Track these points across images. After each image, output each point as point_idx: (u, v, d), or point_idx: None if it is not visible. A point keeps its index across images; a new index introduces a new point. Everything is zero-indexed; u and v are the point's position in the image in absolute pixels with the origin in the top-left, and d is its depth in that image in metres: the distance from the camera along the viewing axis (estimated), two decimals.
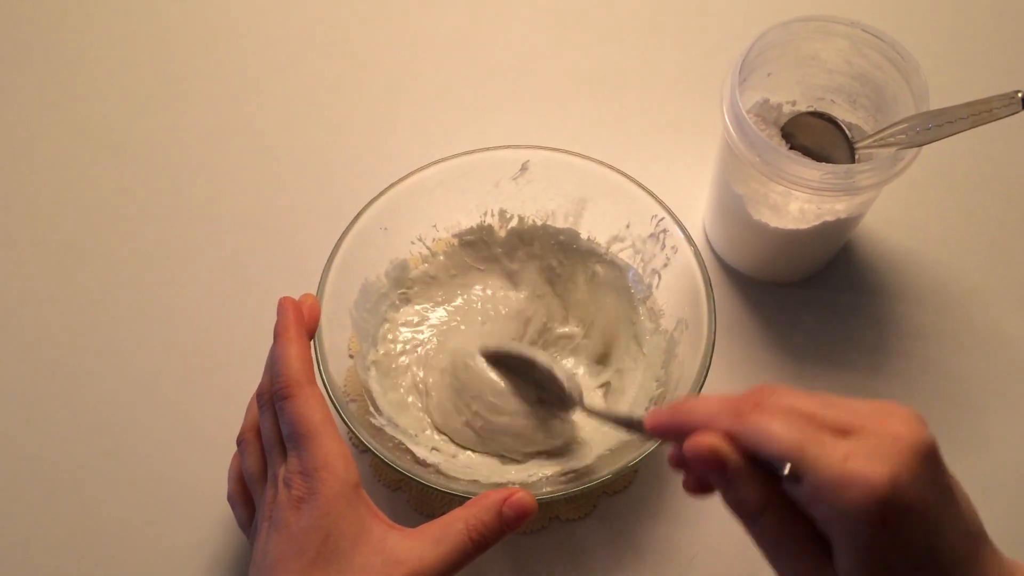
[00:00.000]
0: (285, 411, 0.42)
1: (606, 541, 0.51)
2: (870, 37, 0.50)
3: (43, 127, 0.67)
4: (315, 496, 0.39)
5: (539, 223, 0.56)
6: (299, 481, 0.40)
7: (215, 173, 0.64)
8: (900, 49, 0.49)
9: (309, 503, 0.39)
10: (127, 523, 0.52)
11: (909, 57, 0.49)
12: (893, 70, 0.50)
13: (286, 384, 0.42)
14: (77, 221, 0.63)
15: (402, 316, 0.55)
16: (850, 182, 0.48)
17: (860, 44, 0.50)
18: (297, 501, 0.39)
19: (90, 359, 0.57)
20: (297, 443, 0.41)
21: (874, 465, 0.30)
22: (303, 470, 0.40)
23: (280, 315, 0.45)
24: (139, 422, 0.55)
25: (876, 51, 0.50)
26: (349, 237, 0.51)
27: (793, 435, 0.31)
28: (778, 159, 0.48)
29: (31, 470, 0.54)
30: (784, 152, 0.49)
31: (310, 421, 0.41)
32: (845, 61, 0.52)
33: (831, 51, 0.52)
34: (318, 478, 0.39)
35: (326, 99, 0.67)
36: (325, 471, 0.40)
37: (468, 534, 0.40)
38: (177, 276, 0.60)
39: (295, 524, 0.39)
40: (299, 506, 0.39)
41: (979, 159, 0.63)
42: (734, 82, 0.49)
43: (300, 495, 0.39)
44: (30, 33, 0.71)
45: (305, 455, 0.40)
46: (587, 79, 0.68)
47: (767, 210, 0.53)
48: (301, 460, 0.40)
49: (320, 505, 0.39)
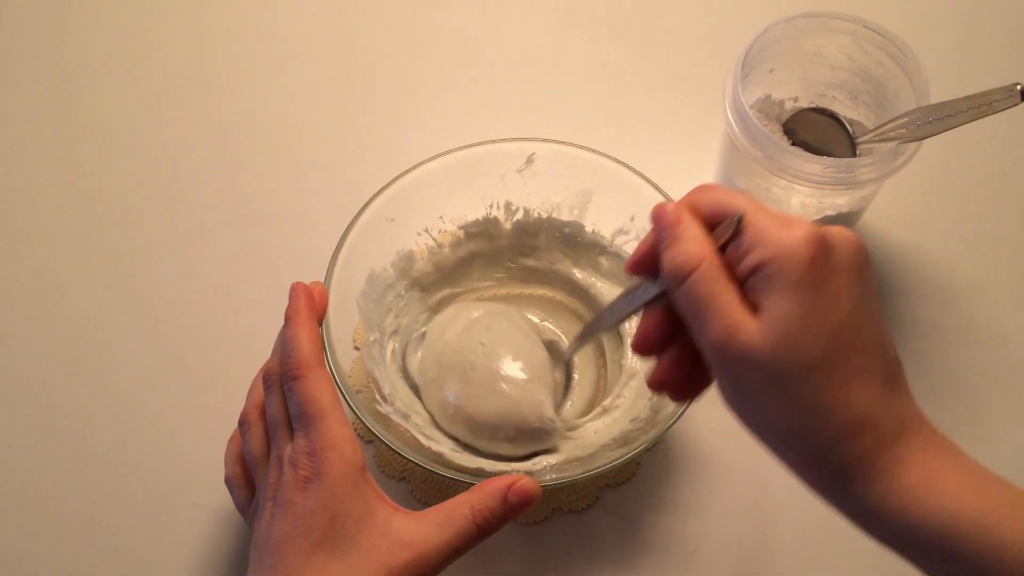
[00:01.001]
0: (295, 391, 0.42)
1: (609, 532, 0.51)
2: (872, 33, 0.51)
3: (51, 121, 0.67)
4: (321, 476, 0.39)
5: (544, 215, 0.57)
6: (306, 461, 0.40)
7: (222, 166, 0.65)
8: (901, 45, 0.50)
9: (315, 483, 0.39)
10: (128, 513, 0.53)
11: (910, 52, 0.50)
12: (895, 66, 0.50)
13: (297, 365, 0.42)
14: (84, 215, 0.63)
15: None
16: (851, 176, 0.48)
17: (862, 40, 0.51)
18: (303, 481, 0.40)
19: (96, 351, 0.58)
20: (305, 423, 0.41)
21: (812, 225, 0.33)
22: (310, 450, 0.40)
23: (292, 299, 0.45)
24: (147, 409, 0.56)
25: (878, 47, 0.51)
26: (356, 228, 0.51)
27: (744, 200, 0.34)
28: (780, 154, 0.49)
29: (34, 460, 0.54)
30: (786, 147, 0.49)
31: (319, 402, 0.41)
32: (847, 57, 0.52)
33: (833, 47, 0.52)
34: (325, 458, 0.40)
35: (334, 92, 0.68)
36: (332, 452, 0.40)
37: (473, 518, 0.40)
38: (183, 269, 0.61)
39: (301, 504, 0.39)
40: (305, 486, 0.39)
41: (979, 154, 0.63)
42: (736, 78, 0.49)
43: (306, 475, 0.40)
44: (32, 29, 0.71)
45: (313, 435, 0.40)
46: (591, 73, 0.69)
47: (769, 205, 0.53)
48: (309, 440, 0.40)
49: (327, 486, 0.39)
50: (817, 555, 0.50)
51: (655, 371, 0.37)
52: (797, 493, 0.52)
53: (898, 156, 0.48)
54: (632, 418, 0.50)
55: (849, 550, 0.50)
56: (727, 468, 0.53)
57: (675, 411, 0.46)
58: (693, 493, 0.52)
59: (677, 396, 0.38)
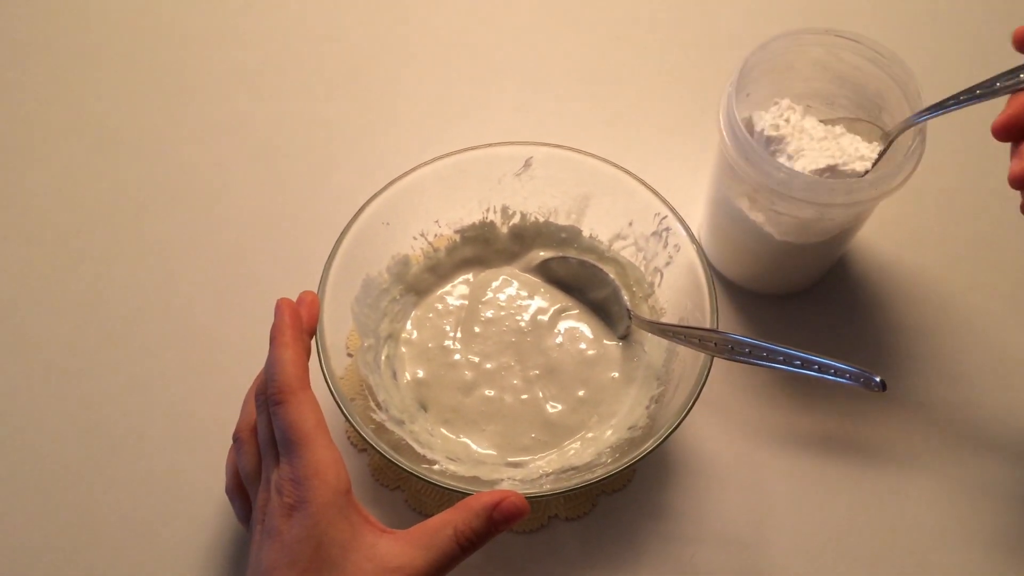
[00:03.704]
0: (278, 416, 0.42)
1: (606, 540, 0.51)
2: (846, 41, 0.51)
3: (40, 124, 0.66)
4: (306, 504, 0.40)
5: (541, 220, 0.56)
6: (290, 488, 0.40)
7: (216, 169, 0.64)
8: (877, 47, 0.51)
9: (300, 511, 0.40)
10: (127, 517, 0.52)
11: (887, 51, 0.50)
12: (873, 68, 0.51)
13: (279, 390, 0.42)
14: (76, 218, 0.62)
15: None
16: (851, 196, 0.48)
17: (836, 49, 0.52)
18: (288, 508, 0.40)
19: (90, 356, 0.57)
20: (289, 450, 0.41)
21: None
22: (294, 477, 0.40)
23: (276, 318, 0.45)
24: (140, 418, 0.55)
25: (853, 53, 0.51)
26: (351, 232, 0.51)
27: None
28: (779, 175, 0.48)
29: (28, 467, 0.54)
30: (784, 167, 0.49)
31: (301, 428, 0.41)
32: (822, 67, 0.53)
33: (806, 61, 0.53)
34: (309, 486, 0.40)
35: (328, 96, 0.67)
36: (316, 479, 0.40)
37: (456, 539, 0.41)
38: (178, 273, 0.60)
39: (287, 533, 0.39)
40: (290, 513, 0.40)
41: (972, 162, 0.63)
42: (731, 102, 0.49)
43: (291, 503, 0.40)
44: (27, 29, 0.71)
45: (297, 462, 0.41)
46: (588, 77, 0.68)
47: (767, 223, 0.53)
48: (292, 467, 0.41)
49: (311, 514, 0.39)
50: (813, 562, 0.50)
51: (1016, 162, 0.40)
52: (794, 500, 0.52)
53: (898, 174, 0.48)
54: (630, 426, 0.50)
55: (847, 557, 0.50)
56: (724, 475, 0.52)
57: (673, 419, 0.46)
58: (690, 500, 0.52)
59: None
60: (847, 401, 0.54)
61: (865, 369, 0.41)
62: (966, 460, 0.53)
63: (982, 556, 0.50)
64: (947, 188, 0.62)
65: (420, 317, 0.55)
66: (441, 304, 0.55)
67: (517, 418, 0.52)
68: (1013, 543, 0.51)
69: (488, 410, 0.52)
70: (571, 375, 0.53)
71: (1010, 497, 0.52)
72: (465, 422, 0.52)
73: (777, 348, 0.44)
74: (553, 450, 0.51)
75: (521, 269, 0.57)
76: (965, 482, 0.52)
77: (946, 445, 0.53)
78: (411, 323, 0.55)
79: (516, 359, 0.53)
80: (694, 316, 0.50)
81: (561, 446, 0.51)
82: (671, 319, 0.52)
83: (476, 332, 0.54)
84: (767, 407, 0.54)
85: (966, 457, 0.53)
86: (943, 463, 0.53)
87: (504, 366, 0.53)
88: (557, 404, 0.52)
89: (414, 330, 0.55)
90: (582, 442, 0.51)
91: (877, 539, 0.51)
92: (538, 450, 0.51)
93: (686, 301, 0.51)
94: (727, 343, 0.46)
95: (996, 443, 0.53)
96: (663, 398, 0.50)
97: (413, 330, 0.55)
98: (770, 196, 0.49)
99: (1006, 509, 0.51)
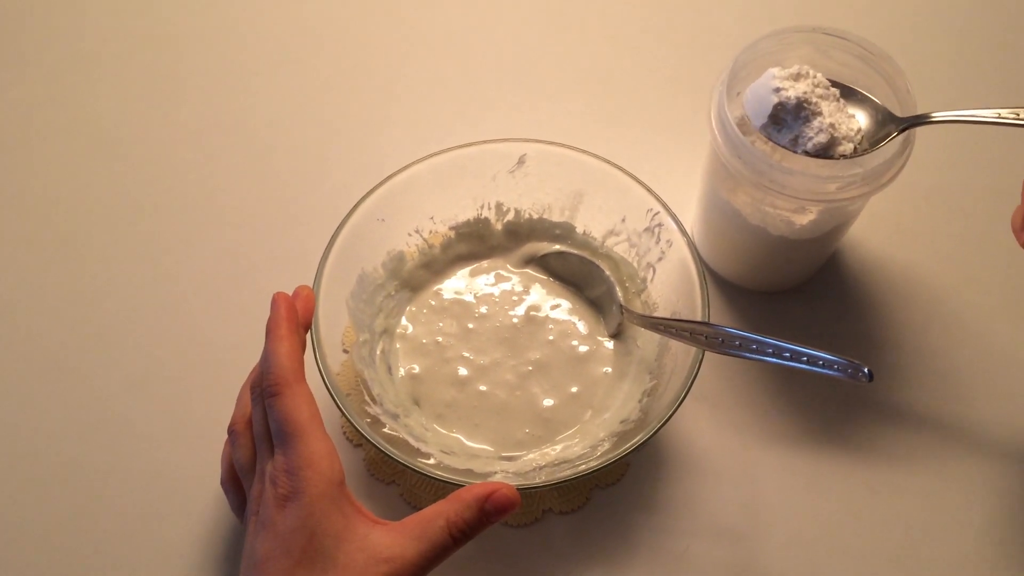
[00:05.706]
0: (273, 408, 0.42)
1: (599, 533, 0.51)
2: (834, 39, 0.52)
3: (37, 122, 0.67)
4: (299, 495, 0.40)
5: (535, 216, 0.57)
6: (284, 480, 0.41)
7: (212, 166, 0.64)
8: (865, 44, 0.51)
9: (294, 502, 0.40)
10: (122, 510, 0.52)
11: (875, 48, 0.51)
12: (862, 64, 0.51)
13: (274, 382, 0.43)
14: (72, 215, 0.63)
15: None
16: (847, 189, 0.48)
17: (824, 47, 0.52)
18: (282, 499, 0.40)
19: (86, 352, 0.57)
20: (283, 441, 0.41)
21: None
22: (288, 468, 0.41)
23: (273, 311, 0.45)
24: (135, 411, 0.55)
25: (842, 51, 0.52)
26: (346, 228, 0.51)
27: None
28: (772, 172, 0.49)
29: (24, 461, 0.54)
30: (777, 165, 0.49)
31: (296, 420, 0.42)
32: (809, 64, 0.53)
33: (793, 59, 0.53)
34: (302, 477, 0.40)
35: (323, 92, 0.68)
36: (310, 470, 0.40)
37: (448, 530, 0.41)
38: (173, 270, 0.60)
39: (281, 523, 0.40)
40: (284, 504, 0.40)
41: (962, 159, 0.64)
42: (722, 100, 0.49)
43: (285, 493, 0.40)
44: (24, 29, 0.71)
45: (291, 453, 0.41)
46: (581, 74, 0.69)
47: (759, 220, 0.53)
48: (287, 458, 0.41)
49: (305, 505, 0.40)
50: (807, 555, 0.51)
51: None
52: (786, 493, 0.52)
53: (887, 171, 0.48)
54: (622, 419, 0.50)
55: (838, 550, 0.51)
56: (717, 468, 0.53)
57: (665, 412, 0.46)
58: (683, 493, 0.52)
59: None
60: (839, 395, 0.55)
61: (853, 360, 0.41)
62: (956, 453, 0.53)
63: (972, 548, 0.51)
64: (938, 185, 0.63)
65: (415, 313, 0.55)
66: (435, 300, 0.56)
67: (511, 413, 0.52)
68: (1002, 536, 0.51)
69: (482, 405, 0.52)
70: (564, 370, 0.53)
71: (999, 490, 0.52)
72: (458, 417, 0.52)
73: (767, 340, 0.44)
74: (546, 444, 0.51)
75: (515, 265, 0.57)
76: (955, 475, 0.53)
77: (936, 439, 0.54)
78: (406, 318, 0.55)
79: (510, 354, 0.54)
80: (686, 311, 0.50)
81: (554, 440, 0.51)
82: (663, 314, 0.53)
83: (470, 328, 0.55)
84: (760, 402, 0.55)
85: (956, 450, 0.53)
86: (933, 457, 0.53)
87: (498, 361, 0.53)
88: (550, 399, 0.52)
89: (409, 325, 0.55)
90: (575, 436, 0.51)
91: (868, 531, 0.51)
92: (532, 445, 0.51)
93: (678, 296, 0.51)
94: (717, 336, 0.46)
95: (985, 437, 0.54)
96: (655, 392, 0.50)
97: (408, 325, 0.55)
98: (761, 193, 0.50)
99: (995, 502, 0.52)
